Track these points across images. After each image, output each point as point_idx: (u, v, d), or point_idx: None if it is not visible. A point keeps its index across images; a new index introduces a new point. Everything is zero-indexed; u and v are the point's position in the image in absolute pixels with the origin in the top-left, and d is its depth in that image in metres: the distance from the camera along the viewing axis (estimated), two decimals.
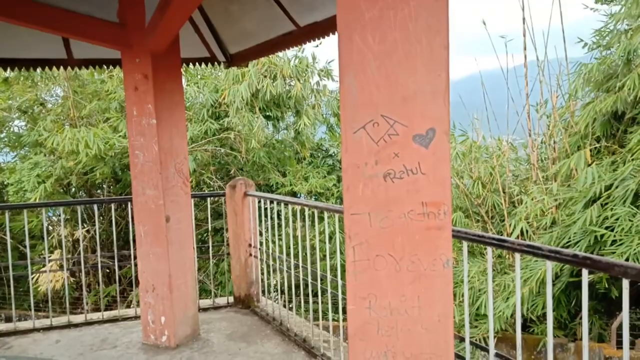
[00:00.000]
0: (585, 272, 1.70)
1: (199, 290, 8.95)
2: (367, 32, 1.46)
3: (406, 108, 1.47)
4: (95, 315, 4.40)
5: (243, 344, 3.71)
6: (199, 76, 13.28)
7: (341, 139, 1.52)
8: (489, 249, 2.07)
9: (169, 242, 3.67)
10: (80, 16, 3.46)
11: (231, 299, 4.59)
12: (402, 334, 1.53)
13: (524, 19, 10.63)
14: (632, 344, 8.02)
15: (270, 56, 12.03)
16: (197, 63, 4.84)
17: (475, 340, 7.59)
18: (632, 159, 8.08)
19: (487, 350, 2.16)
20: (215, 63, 4.85)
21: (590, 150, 8.93)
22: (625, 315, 1.62)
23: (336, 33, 1.49)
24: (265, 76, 12.16)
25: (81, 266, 4.42)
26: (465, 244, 2.22)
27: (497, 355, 2.13)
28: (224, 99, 11.73)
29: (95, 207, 4.61)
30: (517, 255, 1.94)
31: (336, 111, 13.12)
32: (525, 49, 10.76)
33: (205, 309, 4.50)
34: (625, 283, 1.61)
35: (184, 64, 4.87)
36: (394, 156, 1.48)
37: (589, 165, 8.58)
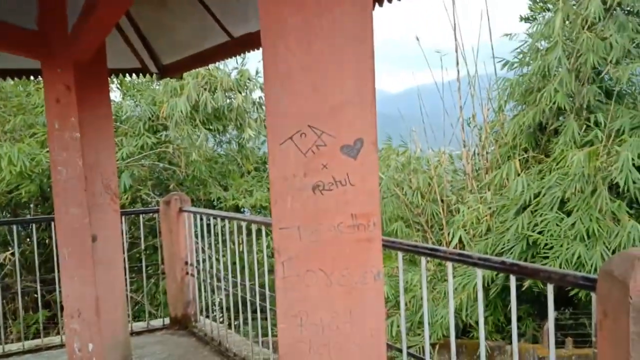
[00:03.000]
0: (512, 278, 1.73)
1: (137, 313, 8.51)
2: (291, 40, 1.43)
3: (333, 118, 1.44)
4: (15, 346, 4.04)
5: None
6: (134, 89, 12.82)
7: (268, 150, 1.46)
8: (423, 259, 2.08)
9: (95, 262, 3.45)
10: None
11: (167, 321, 4.38)
12: (334, 351, 1.48)
13: (455, 36, 11.13)
14: (563, 343, 8.44)
15: (209, 68, 11.83)
16: (127, 74, 4.64)
17: (417, 348, 7.71)
18: (557, 168, 8.59)
19: None
20: (148, 74, 4.67)
21: (519, 160, 9.41)
22: (550, 318, 1.67)
23: None
24: (205, 89, 11.93)
25: None
26: (400, 254, 2.22)
27: None
28: (162, 112, 11.37)
29: (14, 228, 4.27)
30: (449, 264, 1.95)
31: None
32: (457, 64, 11.26)
33: (139, 333, 4.26)
34: (550, 287, 1.66)
35: (114, 75, 4.66)
36: (322, 167, 1.44)
37: (519, 174, 9.03)
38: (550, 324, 1.67)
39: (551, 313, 1.68)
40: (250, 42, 3.60)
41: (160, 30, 4.24)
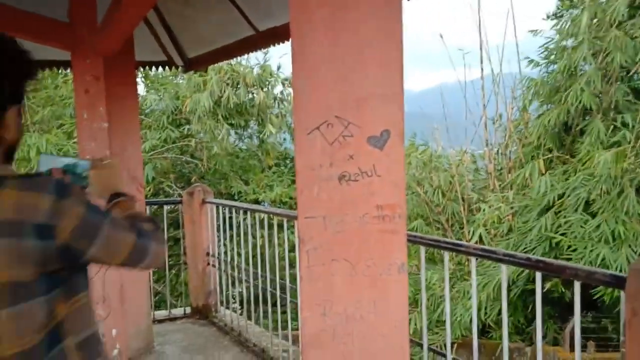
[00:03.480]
0: (538, 275, 1.72)
1: (157, 303, 8.67)
2: (318, 33, 1.43)
3: (360, 109, 1.45)
4: None
5: (199, 357, 3.59)
6: (158, 83, 13.00)
7: (294, 140, 1.47)
8: (446, 254, 2.07)
9: None
10: (27, 14, 3.30)
11: (188, 310, 4.44)
12: (358, 340, 1.48)
13: (479, 33, 10.98)
14: (585, 347, 8.29)
15: (232, 63, 11.92)
16: (153, 66, 4.71)
17: (436, 346, 7.67)
18: (583, 169, 8.42)
19: (445, 356, 2.15)
20: (173, 67, 4.74)
21: (544, 160, 9.24)
22: (577, 317, 1.64)
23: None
24: (227, 84, 12.03)
25: None
26: (422, 249, 2.22)
27: None
28: (185, 107, 11.51)
29: None
30: (473, 260, 1.94)
31: None
32: (481, 62, 11.11)
33: (160, 321, 4.34)
34: (577, 285, 1.63)
35: (140, 67, 4.74)
36: (348, 158, 1.44)
37: (543, 174, 8.88)
38: (577, 323, 1.64)
39: (577, 312, 1.66)
40: (275, 35, 3.62)
41: (187, 23, 4.29)
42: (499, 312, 8.31)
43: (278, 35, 3.61)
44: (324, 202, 1.46)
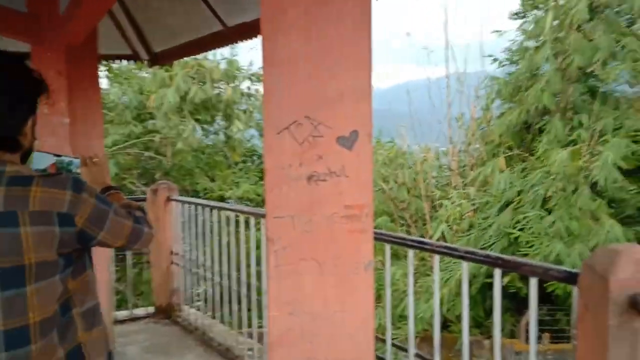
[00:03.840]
0: (497, 271, 1.78)
1: (119, 302, 8.47)
2: (291, 31, 1.44)
3: (330, 110, 1.46)
4: None
5: (162, 357, 3.54)
6: (122, 76, 12.65)
7: (264, 140, 1.48)
8: (411, 252, 2.12)
9: None
10: None
11: (151, 310, 4.37)
12: (325, 339, 1.51)
13: (446, 33, 11.20)
14: (540, 338, 8.63)
15: (198, 58, 11.74)
16: (117, 60, 4.59)
17: (399, 341, 7.82)
18: (541, 166, 8.74)
19: (407, 351, 2.20)
20: (138, 61, 4.63)
21: (504, 158, 9.54)
22: (532, 311, 1.72)
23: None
24: (193, 79, 11.84)
25: None
26: (388, 246, 2.26)
27: (416, 355, 2.18)
28: (151, 102, 11.26)
29: None
30: (436, 257, 2.00)
31: None
32: (447, 61, 11.35)
33: (122, 321, 4.24)
34: (533, 281, 1.71)
35: (103, 61, 4.61)
36: (317, 158, 1.46)
37: (503, 172, 9.17)
38: (532, 317, 1.72)
39: (533, 307, 1.73)
40: (245, 31, 3.58)
41: (153, 16, 4.19)
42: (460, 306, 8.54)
43: (248, 31, 3.57)
44: (293, 201, 1.47)
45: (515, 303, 8.74)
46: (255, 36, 3.70)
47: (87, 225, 1.13)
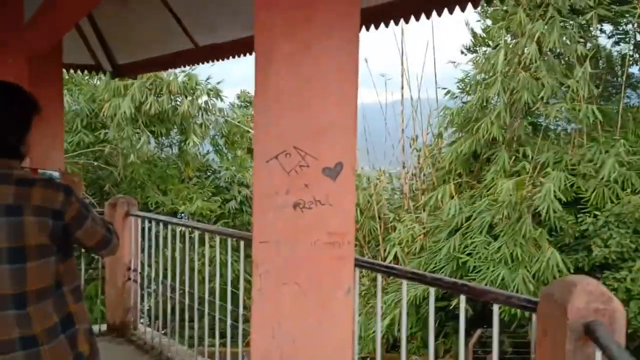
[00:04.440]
0: (462, 297, 1.90)
1: None
2: (282, 65, 1.52)
3: (317, 141, 1.54)
4: None
5: None
6: (73, 83, 12.23)
7: (253, 167, 1.53)
8: (379, 276, 2.21)
9: None
10: None
11: (104, 327, 4.22)
12: None
13: (402, 61, 11.63)
14: (484, 359, 8.95)
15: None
16: (78, 70, 4.50)
17: None
18: (488, 194, 9.17)
19: None
20: (100, 72, 4.55)
21: (454, 185, 9.95)
22: (495, 337, 1.84)
23: (247, 58, 1.52)
24: (150, 89, 11.63)
25: None
26: (357, 270, 2.34)
27: None
28: (104, 112, 10.93)
29: None
30: (404, 282, 2.10)
31: (224, 132, 12.95)
32: (402, 88, 11.76)
33: None
34: (496, 308, 1.83)
35: (63, 69, 4.50)
36: (304, 187, 1.53)
37: (452, 197, 9.55)
38: (495, 341, 1.84)
39: (496, 331, 1.86)
40: (215, 52, 3.63)
41: (119, 28, 4.15)
42: (411, 327, 8.75)
43: (218, 52, 3.62)
44: (279, 227, 1.53)
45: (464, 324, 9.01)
46: (226, 57, 3.75)
47: (71, 223, 1.44)
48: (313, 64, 1.54)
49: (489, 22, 10.46)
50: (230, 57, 3.57)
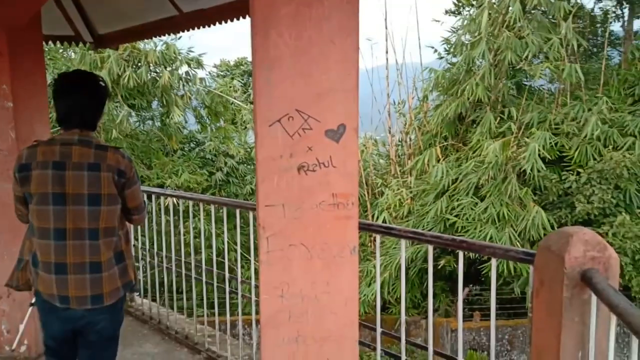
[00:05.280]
0: (461, 253, 1.95)
1: None
2: (283, 28, 1.50)
3: (319, 104, 1.54)
4: None
5: (119, 347, 3.48)
6: (47, 56, 11.84)
7: (255, 131, 1.53)
8: (378, 237, 2.25)
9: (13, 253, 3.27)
10: None
11: None
12: (312, 318, 1.60)
13: (386, 25, 11.49)
14: (471, 317, 9.25)
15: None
16: (58, 42, 4.36)
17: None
18: (474, 156, 9.27)
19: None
20: (81, 43, 4.41)
21: (440, 148, 10.02)
22: (493, 291, 1.91)
23: (222, 26, 1.50)
24: (127, 61, 11.34)
25: None
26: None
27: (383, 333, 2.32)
28: None
29: None
30: (403, 242, 2.14)
31: (207, 102, 12.75)
32: (387, 52, 11.65)
33: None
34: (494, 262, 1.89)
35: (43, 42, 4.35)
36: (307, 149, 1.54)
37: (439, 161, 9.64)
38: (493, 296, 1.91)
39: (493, 286, 1.92)
40: (201, 18, 3.53)
41: None
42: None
43: (204, 18, 3.53)
44: (283, 191, 1.55)
45: (451, 284, 9.28)
46: (212, 24, 3.66)
47: (127, 182, 1.89)
48: (314, 25, 1.53)
49: None
50: (217, 23, 3.49)
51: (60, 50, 11.90)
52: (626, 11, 10.58)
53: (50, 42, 4.36)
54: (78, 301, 1.83)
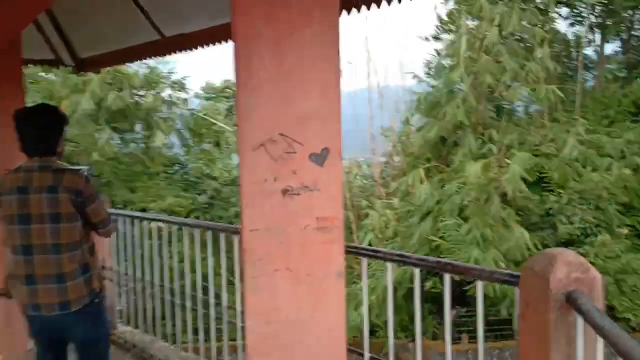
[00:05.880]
0: (447, 276, 1.95)
1: None
2: (265, 53, 1.51)
3: (302, 128, 1.55)
4: None
5: None
6: (28, 79, 11.74)
7: (239, 156, 1.52)
8: (364, 260, 2.24)
9: (5, 266, 3.18)
10: None
11: None
12: (299, 345, 1.57)
13: (367, 49, 11.69)
14: (459, 339, 9.19)
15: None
16: (39, 65, 4.33)
17: None
18: (456, 177, 9.38)
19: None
20: (62, 66, 4.39)
21: (423, 170, 10.12)
22: (479, 314, 1.90)
23: (207, 49, 1.50)
24: (110, 84, 11.31)
25: None
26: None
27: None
28: (61, 109, 10.55)
29: None
30: (389, 265, 2.13)
31: (190, 125, 12.74)
32: (368, 76, 11.83)
33: None
34: (479, 284, 1.89)
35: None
36: (291, 173, 1.53)
37: (422, 182, 9.72)
38: (479, 319, 1.90)
39: (480, 309, 1.92)
40: (182, 42, 3.55)
41: (81, 21, 4.00)
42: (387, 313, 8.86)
43: (186, 42, 3.54)
44: (268, 215, 1.53)
45: (437, 306, 9.23)
46: (194, 48, 3.67)
47: (85, 201, 2.06)
48: (295, 51, 1.54)
49: (450, 5, 10.62)
50: (199, 47, 3.50)
51: (41, 74, 11.83)
52: (597, 36, 10.96)
53: (29, 66, 4.32)
54: (46, 308, 2.08)
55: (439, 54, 10.24)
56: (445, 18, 10.74)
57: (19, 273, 2.08)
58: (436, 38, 11.02)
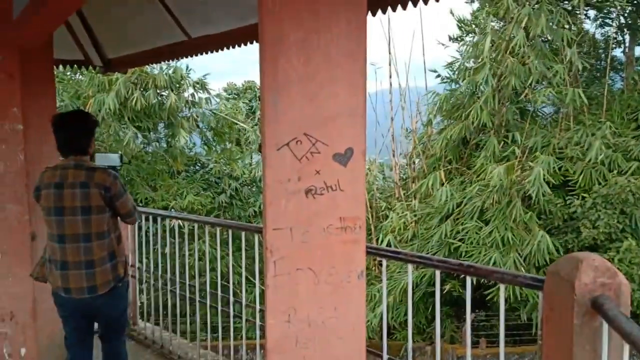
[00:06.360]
0: (468, 279, 1.93)
1: None
2: (291, 53, 1.52)
3: (327, 128, 1.56)
4: None
5: None
6: (57, 79, 12.01)
7: (263, 155, 1.54)
8: (384, 261, 2.24)
9: (33, 262, 3.26)
10: None
11: None
12: (319, 345, 1.58)
13: (389, 50, 11.64)
14: (477, 343, 9.08)
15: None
16: (68, 65, 4.43)
17: None
18: (478, 180, 9.27)
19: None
20: (90, 67, 4.49)
21: (444, 171, 10.03)
22: (501, 317, 1.88)
23: (230, 50, 1.51)
24: (135, 84, 11.49)
25: None
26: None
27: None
28: (88, 109, 10.79)
29: None
30: (410, 266, 2.12)
31: (212, 125, 12.87)
32: (390, 77, 11.77)
33: None
34: (502, 287, 1.87)
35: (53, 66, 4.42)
36: (315, 173, 1.54)
37: (443, 184, 9.62)
38: (501, 323, 1.88)
39: (502, 313, 1.90)
40: (208, 43, 3.60)
41: (109, 22, 4.09)
42: (405, 314, 8.83)
43: (211, 43, 3.59)
44: (291, 214, 1.55)
45: (456, 309, 9.15)
46: (220, 49, 3.72)
47: (114, 195, 2.38)
48: (322, 51, 1.55)
49: (475, 5, 10.50)
50: (225, 49, 3.54)
51: (68, 74, 12.09)
52: (627, 37, 10.71)
53: (60, 66, 4.43)
54: (77, 292, 2.37)
55: (462, 55, 10.13)
56: (469, 18, 10.63)
57: (55, 258, 2.39)
58: (459, 39, 10.92)
